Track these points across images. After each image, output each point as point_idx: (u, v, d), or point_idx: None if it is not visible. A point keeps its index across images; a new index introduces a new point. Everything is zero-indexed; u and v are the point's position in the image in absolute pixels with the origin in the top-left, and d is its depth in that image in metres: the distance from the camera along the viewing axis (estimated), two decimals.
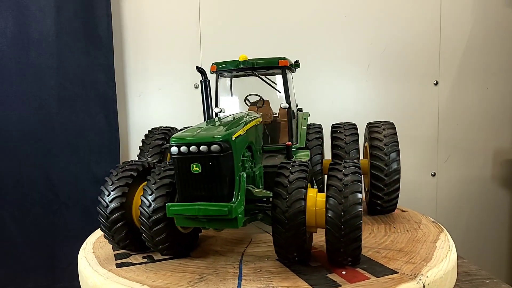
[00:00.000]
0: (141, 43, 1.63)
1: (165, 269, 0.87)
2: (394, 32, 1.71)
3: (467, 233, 1.83)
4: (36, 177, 1.52)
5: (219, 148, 0.75)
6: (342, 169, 0.80)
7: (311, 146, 1.18)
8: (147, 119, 1.65)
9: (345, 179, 0.77)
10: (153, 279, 0.81)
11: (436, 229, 1.04)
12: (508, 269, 1.89)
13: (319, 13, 1.68)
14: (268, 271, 0.82)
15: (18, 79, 1.49)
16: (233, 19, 1.64)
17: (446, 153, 1.79)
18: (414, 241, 0.94)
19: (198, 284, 0.78)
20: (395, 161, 1.11)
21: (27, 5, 1.47)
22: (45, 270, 1.56)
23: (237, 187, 0.80)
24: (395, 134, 1.15)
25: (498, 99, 1.80)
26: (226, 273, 0.83)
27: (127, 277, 0.83)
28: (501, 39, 1.77)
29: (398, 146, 1.12)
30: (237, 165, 0.81)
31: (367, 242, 0.95)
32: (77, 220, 1.53)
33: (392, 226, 1.08)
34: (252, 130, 0.94)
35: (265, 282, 0.77)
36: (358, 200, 0.74)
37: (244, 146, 0.88)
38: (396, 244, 0.94)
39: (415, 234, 1.00)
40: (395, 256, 0.86)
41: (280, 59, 1.08)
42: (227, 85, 1.22)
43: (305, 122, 1.23)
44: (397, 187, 1.12)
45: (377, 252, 0.89)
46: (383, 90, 1.73)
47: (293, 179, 0.78)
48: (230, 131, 0.80)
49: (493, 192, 1.84)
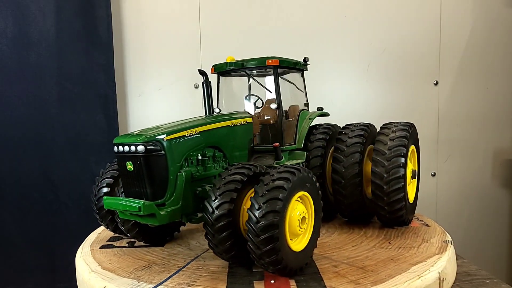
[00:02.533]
0: (141, 43, 1.63)
1: (131, 254, 0.97)
2: (394, 32, 1.71)
3: (467, 233, 1.83)
4: (36, 177, 1.52)
5: (144, 149, 0.81)
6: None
7: (312, 147, 1.14)
8: (147, 119, 1.65)
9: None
10: (111, 262, 0.92)
11: (437, 250, 0.92)
12: (508, 269, 1.89)
13: (319, 13, 1.68)
14: (208, 269, 0.86)
15: (18, 79, 1.48)
16: (233, 19, 1.64)
17: (446, 153, 1.79)
18: (391, 260, 0.87)
19: (139, 271, 0.86)
20: (397, 167, 1.00)
21: (27, 5, 1.47)
22: (45, 270, 1.56)
23: (172, 186, 0.84)
24: (405, 138, 1.03)
25: (498, 99, 1.80)
26: (170, 266, 0.89)
27: (95, 258, 0.95)
28: (501, 39, 1.77)
29: (405, 151, 1.01)
30: (172, 165, 0.84)
31: (344, 253, 0.92)
32: (77, 220, 1.53)
33: (389, 240, 1.00)
34: (219, 130, 0.97)
35: (191, 280, 0.80)
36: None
37: (192, 147, 0.90)
38: (367, 260, 0.87)
39: (402, 253, 0.91)
40: (349, 273, 0.80)
41: (269, 58, 1.07)
42: (232, 85, 1.21)
43: (308, 122, 1.17)
44: (400, 198, 1.01)
45: (336, 265, 0.85)
46: (383, 90, 1.73)
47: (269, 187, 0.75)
48: (162, 132, 0.84)
49: (493, 192, 1.84)
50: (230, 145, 1.00)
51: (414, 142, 1.13)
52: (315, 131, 1.18)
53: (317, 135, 1.16)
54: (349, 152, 1.06)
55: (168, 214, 0.82)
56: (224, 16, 1.64)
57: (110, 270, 0.88)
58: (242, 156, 1.05)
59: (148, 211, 0.79)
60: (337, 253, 0.93)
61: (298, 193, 0.78)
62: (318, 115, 1.22)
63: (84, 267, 0.90)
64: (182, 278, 0.82)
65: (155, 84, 1.65)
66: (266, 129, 1.13)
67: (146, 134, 0.84)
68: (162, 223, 0.82)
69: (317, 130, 1.18)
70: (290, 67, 1.15)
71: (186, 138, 0.89)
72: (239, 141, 1.04)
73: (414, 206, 1.17)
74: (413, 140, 1.12)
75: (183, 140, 0.88)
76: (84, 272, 0.88)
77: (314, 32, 1.67)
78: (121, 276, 0.84)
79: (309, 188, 0.81)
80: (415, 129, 1.12)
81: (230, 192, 0.78)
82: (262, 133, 1.13)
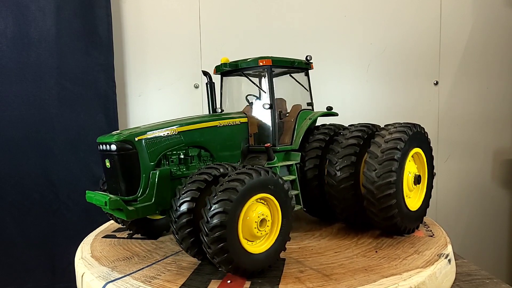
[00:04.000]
0: (141, 43, 1.63)
1: (123, 245, 1.03)
2: (394, 32, 1.71)
3: (467, 233, 1.83)
4: (36, 177, 1.52)
5: (116, 148, 0.86)
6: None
7: (308, 148, 1.10)
8: (147, 119, 1.64)
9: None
10: (101, 251, 0.99)
11: (423, 264, 0.85)
12: (508, 269, 1.89)
13: (319, 13, 1.68)
14: (178, 265, 0.89)
15: (18, 79, 1.48)
16: (233, 19, 1.64)
17: (446, 153, 1.79)
18: (364, 271, 0.83)
19: (119, 261, 0.92)
20: (388, 172, 0.93)
21: (27, 5, 1.47)
22: (45, 270, 1.56)
23: (144, 183, 0.87)
24: (400, 140, 0.95)
25: (498, 99, 1.80)
26: (149, 258, 0.93)
27: (92, 246, 1.03)
28: (501, 39, 1.77)
29: (399, 154, 0.94)
30: (144, 163, 0.88)
31: (320, 259, 0.90)
32: (77, 220, 1.53)
33: (377, 249, 0.95)
34: (204, 130, 0.99)
35: (157, 273, 0.84)
36: None
37: (169, 147, 0.93)
38: (339, 268, 0.84)
39: (382, 263, 0.86)
40: (309, 280, 0.79)
41: (261, 58, 1.06)
42: (236, 85, 1.21)
43: (308, 122, 1.13)
44: (391, 205, 0.94)
45: (303, 271, 0.83)
46: (383, 90, 1.73)
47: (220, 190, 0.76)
48: (136, 132, 0.89)
49: (493, 192, 1.84)
50: (217, 145, 1.01)
51: (419, 145, 1.03)
52: (316, 132, 1.13)
53: (316, 135, 1.11)
54: (343, 154, 1.01)
55: (137, 210, 0.85)
56: (224, 16, 1.64)
57: (96, 258, 0.95)
58: (233, 156, 1.06)
59: (114, 206, 0.83)
60: (313, 258, 0.91)
61: (257, 195, 0.78)
62: (321, 114, 1.17)
63: (78, 253, 0.99)
64: (151, 271, 0.86)
65: (155, 84, 1.65)
66: (264, 130, 1.11)
67: (121, 133, 0.88)
68: (130, 218, 0.86)
69: (318, 130, 1.14)
70: (285, 66, 1.12)
71: (162, 137, 0.92)
72: (228, 141, 1.04)
73: (419, 215, 1.06)
74: (418, 142, 1.03)
75: (157, 140, 0.91)
76: (76, 257, 0.97)
77: (314, 32, 1.67)
78: (101, 265, 0.90)
79: (274, 191, 0.81)
80: (419, 131, 1.03)
81: (193, 192, 0.80)
82: (259, 133, 1.12)
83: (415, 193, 1.06)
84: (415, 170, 1.05)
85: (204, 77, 1.15)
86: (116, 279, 0.83)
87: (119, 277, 0.84)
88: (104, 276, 0.84)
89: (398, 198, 0.95)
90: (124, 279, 0.83)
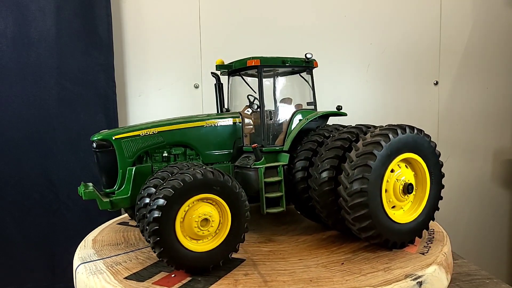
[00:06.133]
0: (141, 43, 1.63)
1: (124, 232, 1.12)
2: (394, 32, 1.71)
3: (467, 233, 1.83)
4: (36, 177, 1.52)
5: (95, 145, 0.97)
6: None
7: (300, 150, 1.05)
8: (147, 119, 1.64)
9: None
10: (103, 236, 1.09)
11: (379, 283, 0.79)
12: (508, 269, 1.89)
13: (319, 13, 1.68)
14: (149, 256, 0.94)
15: (18, 79, 1.48)
16: (233, 19, 1.64)
17: (446, 153, 1.79)
18: (309, 282, 0.79)
19: (108, 246, 1.02)
20: (360, 179, 0.86)
21: (27, 5, 1.46)
22: (45, 270, 1.56)
23: (121, 178, 0.96)
24: (378, 144, 0.87)
25: (498, 99, 1.80)
26: (132, 246, 1.01)
27: (101, 230, 1.15)
28: (501, 39, 1.77)
29: (373, 160, 0.86)
30: (121, 160, 0.97)
31: (277, 265, 0.88)
32: (77, 220, 1.53)
33: (344, 261, 0.89)
34: (187, 130, 1.04)
35: (124, 261, 0.92)
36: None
37: (148, 145, 1.00)
38: (285, 276, 0.83)
39: (333, 277, 0.82)
40: (244, 284, 0.79)
41: (249, 59, 1.05)
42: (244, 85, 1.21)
43: (302, 123, 1.10)
44: (363, 214, 0.87)
45: (247, 274, 0.83)
46: (383, 90, 1.73)
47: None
48: (115, 132, 0.98)
49: (493, 192, 1.84)
50: (203, 144, 1.06)
51: (414, 150, 0.93)
52: (312, 133, 1.08)
53: (311, 137, 1.06)
54: (325, 157, 0.95)
55: (112, 202, 0.94)
56: (224, 16, 1.64)
57: (94, 242, 1.05)
58: (222, 155, 1.09)
59: (87, 197, 0.92)
60: (273, 262, 0.90)
61: (198, 195, 0.81)
62: (322, 114, 1.13)
63: (86, 237, 1.11)
64: (122, 258, 0.93)
65: (155, 84, 1.65)
66: (257, 130, 1.11)
67: (101, 133, 0.98)
68: (104, 208, 0.94)
69: (315, 131, 1.09)
70: (277, 66, 1.10)
71: (140, 137, 0.99)
72: (217, 141, 1.07)
73: (413, 229, 0.95)
74: (411, 147, 0.92)
75: (134, 139, 0.98)
76: (82, 241, 1.08)
77: (314, 32, 1.67)
78: (91, 248, 1.01)
79: (220, 192, 0.83)
80: (414, 134, 0.93)
81: (149, 188, 0.87)
82: (256, 133, 1.12)
83: (410, 203, 0.97)
84: (409, 178, 0.95)
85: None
86: (90, 261, 0.92)
87: (93, 260, 0.93)
88: (83, 257, 0.94)
89: (373, 208, 0.88)
90: (95, 262, 0.92)
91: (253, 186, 1.03)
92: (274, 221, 1.20)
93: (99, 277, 0.84)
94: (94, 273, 0.86)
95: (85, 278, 0.85)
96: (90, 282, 0.83)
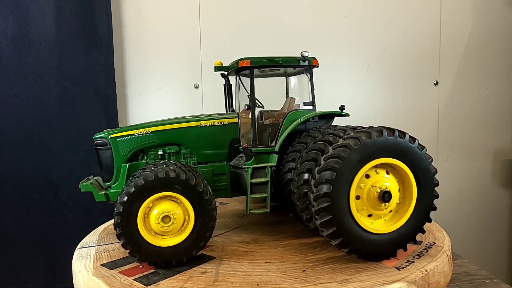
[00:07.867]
0: (141, 43, 1.63)
1: None
2: (394, 32, 1.71)
3: (467, 233, 1.83)
4: (36, 177, 1.52)
5: (95, 144, 1.05)
6: None
7: (290, 151, 1.01)
8: (147, 119, 1.63)
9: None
10: (112, 226, 1.06)
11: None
12: (508, 269, 1.89)
13: (319, 13, 1.68)
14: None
15: (18, 79, 1.48)
16: (233, 19, 1.64)
17: (446, 153, 1.79)
18: (256, 285, 0.78)
19: (110, 234, 1.09)
20: (323, 183, 0.81)
21: (27, 5, 1.46)
22: (45, 270, 1.56)
23: (116, 173, 1.04)
24: (346, 148, 0.82)
25: (498, 99, 1.80)
26: None
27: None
28: (501, 39, 1.77)
29: (338, 164, 0.81)
30: (117, 157, 1.04)
31: (241, 266, 0.87)
32: (77, 220, 1.53)
33: (305, 269, 0.85)
34: (181, 130, 1.08)
35: (111, 249, 0.98)
36: None
37: (142, 144, 1.05)
38: (237, 278, 0.82)
39: (282, 282, 0.79)
40: (193, 282, 0.80)
41: (240, 60, 1.04)
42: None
43: (294, 124, 1.05)
44: (328, 220, 0.81)
45: (205, 271, 0.85)
46: (383, 90, 1.73)
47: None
48: (111, 131, 1.05)
49: (493, 192, 1.84)
50: (197, 144, 1.09)
51: (393, 155, 0.85)
52: (305, 134, 1.04)
53: (303, 138, 1.02)
54: (304, 159, 0.91)
55: (108, 195, 1.01)
56: (224, 16, 1.64)
57: (103, 231, 1.14)
58: (217, 154, 1.11)
59: (84, 189, 1.01)
60: (237, 263, 0.89)
61: (158, 193, 0.85)
62: (316, 115, 1.09)
63: (102, 224, 1.21)
64: (111, 247, 0.99)
65: (155, 84, 1.65)
66: (261, 130, 1.10)
67: (101, 132, 1.05)
68: (99, 200, 1.01)
69: (307, 133, 1.04)
70: (269, 66, 1.06)
71: (134, 136, 1.05)
72: (211, 141, 1.09)
73: (395, 240, 0.87)
74: (390, 151, 0.84)
75: (129, 138, 1.05)
76: (97, 228, 1.19)
77: (314, 32, 1.67)
78: (97, 235, 1.10)
79: (182, 191, 0.86)
80: (387, 137, 0.83)
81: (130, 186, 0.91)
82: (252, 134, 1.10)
83: (393, 213, 0.89)
84: (391, 186, 0.86)
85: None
86: (86, 246, 1.00)
87: (89, 246, 1.01)
88: (84, 243, 1.03)
89: (338, 214, 0.82)
90: (90, 248, 0.99)
91: (245, 185, 1.04)
92: (274, 222, 1.20)
93: (82, 262, 0.91)
94: (82, 257, 0.93)
95: (74, 261, 0.93)
96: (76, 265, 0.90)
